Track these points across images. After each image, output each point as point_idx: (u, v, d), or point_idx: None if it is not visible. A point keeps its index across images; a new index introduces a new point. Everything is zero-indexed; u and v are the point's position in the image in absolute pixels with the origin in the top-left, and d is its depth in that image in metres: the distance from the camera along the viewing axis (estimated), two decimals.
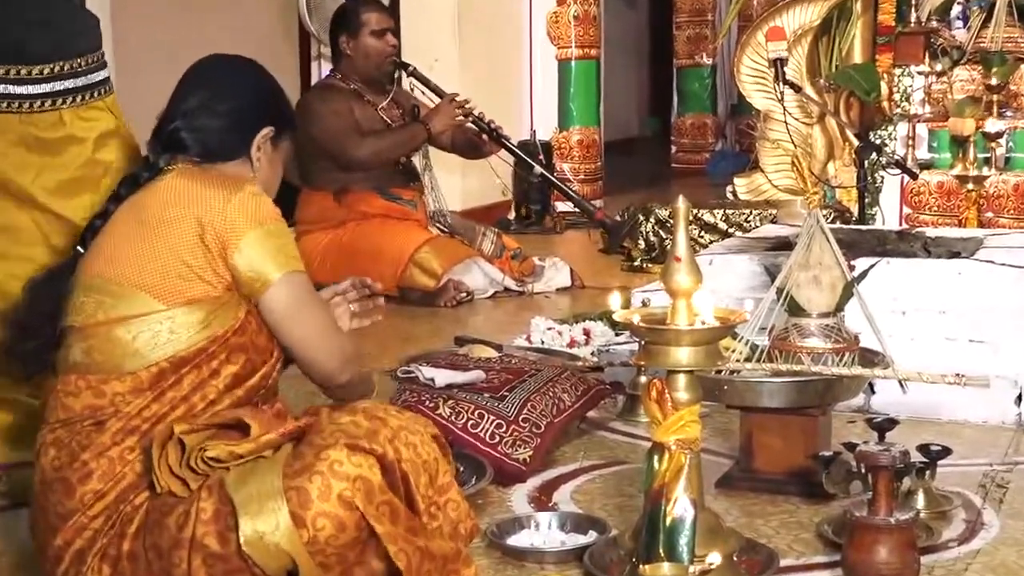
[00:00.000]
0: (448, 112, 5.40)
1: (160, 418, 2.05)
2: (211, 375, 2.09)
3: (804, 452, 2.74)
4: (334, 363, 2.21)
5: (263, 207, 2.14)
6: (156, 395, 2.06)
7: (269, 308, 2.15)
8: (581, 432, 3.30)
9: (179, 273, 2.08)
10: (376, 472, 1.95)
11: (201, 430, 2.02)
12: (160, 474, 1.97)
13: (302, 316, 2.16)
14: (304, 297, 2.17)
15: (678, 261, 2.17)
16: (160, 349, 2.06)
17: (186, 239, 2.09)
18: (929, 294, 3.69)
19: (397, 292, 5.27)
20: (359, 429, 2.00)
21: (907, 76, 6.11)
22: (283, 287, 2.14)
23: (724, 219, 5.84)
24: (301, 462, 1.94)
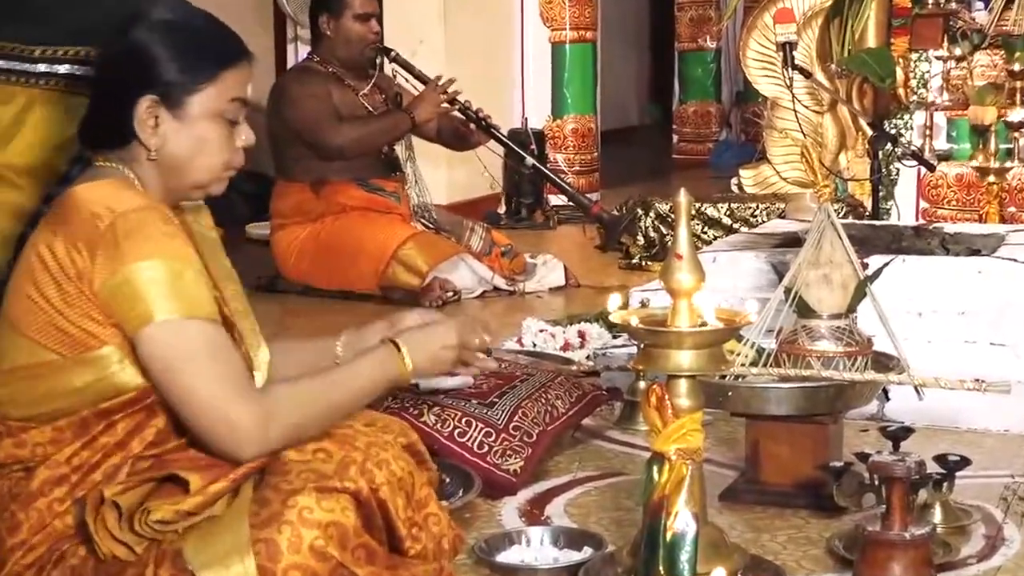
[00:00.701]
0: (433, 100, 5.40)
1: (92, 466, 1.96)
2: (149, 416, 1.98)
3: (813, 462, 2.74)
4: (225, 441, 1.94)
5: (153, 237, 1.91)
6: (85, 443, 1.95)
7: (141, 358, 1.93)
8: (576, 441, 3.30)
9: (58, 324, 1.93)
10: (350, 514, 1.91)
11: (136, 486, 1.92)
12: (100, 541, 1.88)
13: (169, 378, 1.93)
14: (177, 353, 1.92)
15: (679, 259, 2.18)
16: (73, 401, 1.94)
17: (49, 281, 1.92)
18: (947, 294, 3.69)
19: (379, 291, 5.27)
20: (328, 464, 1.95)
21: (924, 61, 6.13)
22: (156, 333, 1.91)
23: (729, 214, 5.85)
24: (268, 510, 1.88)
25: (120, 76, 2.03)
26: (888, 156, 5.77)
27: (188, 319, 1.91)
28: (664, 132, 11.57)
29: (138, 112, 2.00)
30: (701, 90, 10.82)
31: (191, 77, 2.02)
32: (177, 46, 2.02)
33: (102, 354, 1.93)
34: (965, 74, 6.06)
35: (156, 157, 2.02)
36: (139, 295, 1.90)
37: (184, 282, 1.92)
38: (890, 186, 5.84)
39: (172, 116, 2.02)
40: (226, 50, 2.08)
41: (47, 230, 1.97)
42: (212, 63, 2.04)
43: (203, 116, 2.03)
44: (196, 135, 2.03)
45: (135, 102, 2.00)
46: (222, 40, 2.09)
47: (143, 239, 1.91)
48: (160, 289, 1.90)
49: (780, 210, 5.75)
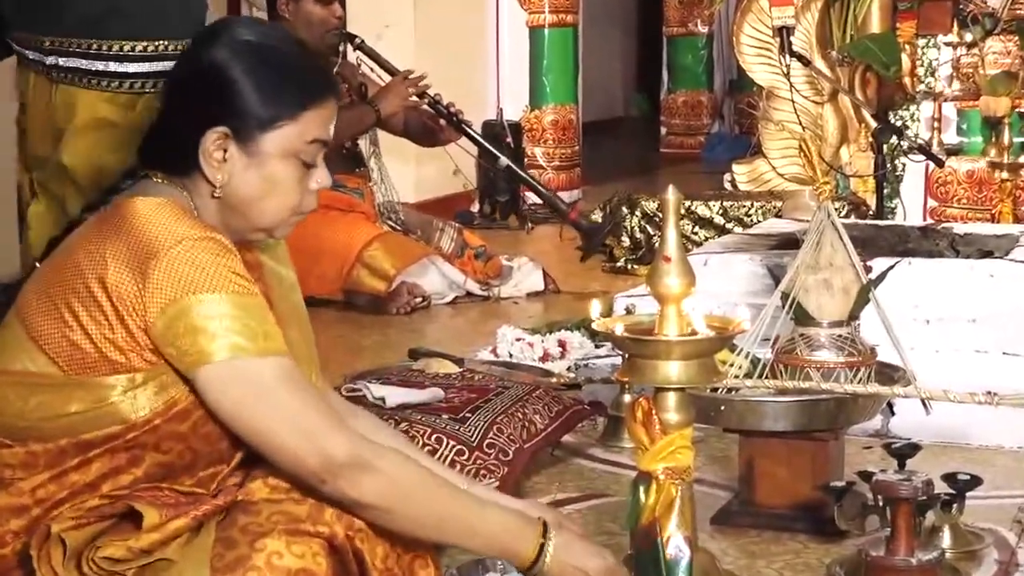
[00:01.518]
0: (400, 92, 5.40)
1: (57, 503, 1.92)
2: (130, 463, 1.94)
3: (813, 482, 2.75)
4: (309, 467, 1.92)
5: (203, 268, 1.88)
6: (55, 475, 1.92)
7: (206, 396, 1.91)
8: (555, 460, 3.31)
9: (75, 339, 1.91)
10: (321, 561, 1.89)
11: (88, 524, 1.90)
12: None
13: (247, 416, 1.91)
14: (261, 388, 1.91)
15: (667, 261, 2.18)
16: (60, 424, 1.91)
17: (83, 294, 1.90)
18: (957, 300, 3.71)
19: (342, 296, 5.27)
20: (302, 506, 1.93)
21: (932, 48, 6.16)
22: (220, 373, 1.89)
23: (721, 213, 5.87)
24: (233, 553, 1.85)
25: (191, 100, 1.99)
26: (893, 150, 5.80)
27: (257, 357, 1.89)
28: (651, 124, 11.60)
29: (205, 143, 1.96)
30: (691, 78, 10.85)
31: (270, 113, 1.97)
32: (259, 75, 1.97)
33: (107, 382, 1.90)
34: (977, 62, 6.09)
35: (220, 195, 1.98)
36: (199, 329, 1.87)
37: (249, 316, 1.89)
38: (895, 183, 5.87)
39: (242, 152, 1.97)
40: (312, 86, 2.03)
41: (95, 239, 1.93)
42: (295, 100, 1.99)
43: (277, 155, 1.99)
44: (266, 175, 1.99)
45: (204, 131, 1.96)
46: (309, 74, 2.04)
47: (205, 270, 1.88)
48: (223, 324, 1.87)
49: (776, 209, 5.77)
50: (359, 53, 5.61)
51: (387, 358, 4.21)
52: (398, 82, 5.43)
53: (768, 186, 6.43)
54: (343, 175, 5.47)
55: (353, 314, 5.17)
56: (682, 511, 2.17)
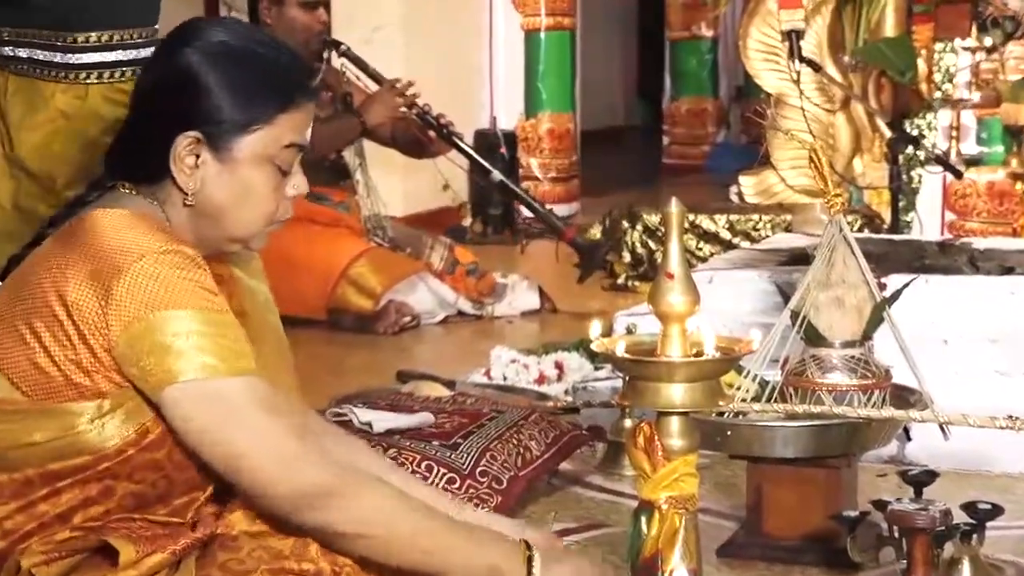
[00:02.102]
0: (387, 102, 5.41)
1: (25, 536, 1.91)
2: (102, 494, 1.93)
3: (824, 512, 2.75)
4: (285, 501, 1.91)
5: (180, 283, 1.88)
6: (23, 506, 1.91)
7: (173, 421, 1.90)
8: (552, 488, 3.31)
9: (39, 363, 1.89)
10: None
11: (60, 558, 1.88)
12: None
13: (212, 439, 1.90)
14: (232, 409, 1.90)
15: (670, 278, 2.19)
16: (23, 454, 1.90)
17: (44, 313, 1.89)
18: (977, 319, 3.72)
19: (326, 315, 5.27)
20: (285, 541, 1.92)
21: (950, 52, 6.18)
22: (188, 395, 1.87)
23: (727, 227, 5.88)
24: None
25: (162, 103, 1.99)
26: (909, 161, 5.81)
27: (227, 377, 1.88)
28: (653, 133, 11.63)
29: (177, 148, 1.96)
30: (695, 85, 10.88)
31: (244, 117, 1.97)
32: (232, 78, 1.97)
33: (72, 409, 1.89)
34: (997, 67, 6.11)
35: (192, 203, 1.99)
36: (164, 348, 1.85)
37: (218, 334, 1.88)
38: (911, 195, 5.88)
39: (215, 158, 1.97)
40: (288, 88, 2.02)
41: (56, 256, 1.93)
42: (271, 103, 1.99)
43: (251, 161, 1.99)
44: (240, 182, 1.99)
45: (175, 136, 1.96)
46: (285, 75, 2.03)
47: (170, 285, 1.87)
48: (190, 342, 1.86)
49: (786, 222, 5.79)
50: (344, 60, 5.62)
51: (374, 381, 4.21)
52: (385, 91, 5.45)
53: (777, 198, 6.44)
54: (327, 188, 5.48)
55: (338, 334, 5.17)
56: (686, 542, 2.17)
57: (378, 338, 5.12)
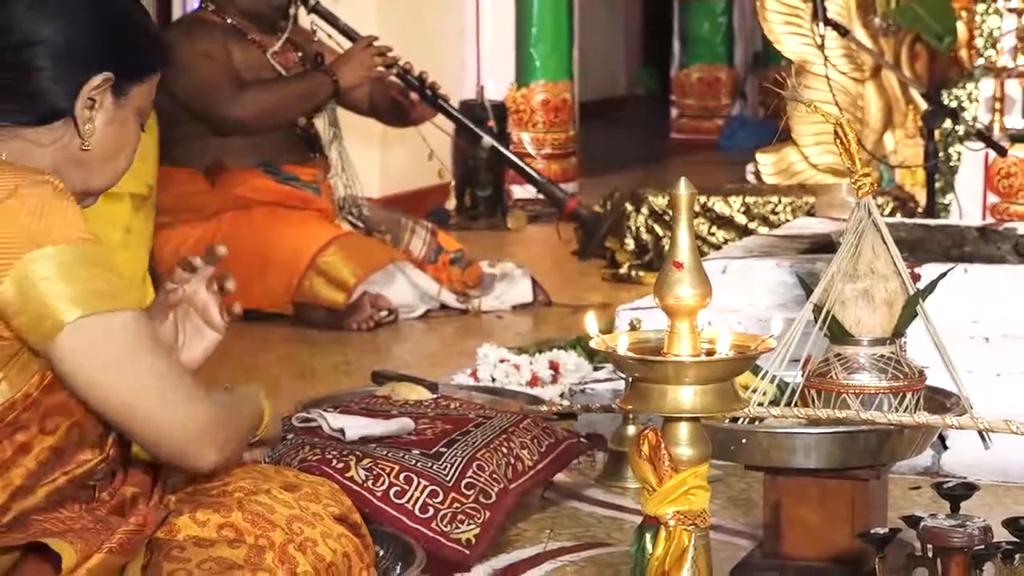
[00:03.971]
0: (363, 60, 5.42)
1: None
2: (16, 451, 1.98)
3: (851, 529, 2.77)
4: (180, 441, 2.02)
5: (58, 217, 1.96)
6: None
7: (63, 367, 1.98)
8: (546, 503, 3.32)
9: None
10: None
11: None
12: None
13: (115, 374, 1.99)
14: (121, 346, 1.99)
15: (679, 268, 2.20)
16: None
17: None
18: (1022, 313, 3.74)
19: (292, 310, 5.28)
20: (238, 549, 1.96)
21: (993, 14, 6.18)
22: (79, 334, 1.95)
23: (743, 210, 5.89)
24: None
25: (81, 42, 2.10)
26: (947, 137, 5.82)
27: (116, 312, 1.96)
28: (660, 105, 11.63)
29: (86, 89, 2.08)
30: (708, 51, 10.90)
31: (145, 63, 2.17)
32: (139, 25, 2.18)
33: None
34: None
35: (88, 147, 2.10)
36: (49, 289, 1.93)
37: (101, 267, 1.97)
38: (949, 175, 5.90)
39: (114, 102, 2.13)
40: (165, 46, 2.27)
41: None
42: (161, 52, 2.22)
43: (134, 110, 2.16)
44: (127, 129, 2.15)
45: (88, 77, 2.08)
46: (159, 32, 2.26)
47: (53, 220, 1.95)
48: (75, 281, 1.94)
49: (808, 205, 5.80)
50: (314, 17, 5.63)
51: (346, 383, 4.23)
52: (360, 49, 5.46)
53: (798, 179, 6.45)
54: (295, 166, 5.48)
55: (306, 331, 5.18)
56: (696, 563, 2.19)
57: (351, 335, 5.13)
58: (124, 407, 1.98)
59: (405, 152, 6.81)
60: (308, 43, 5.63)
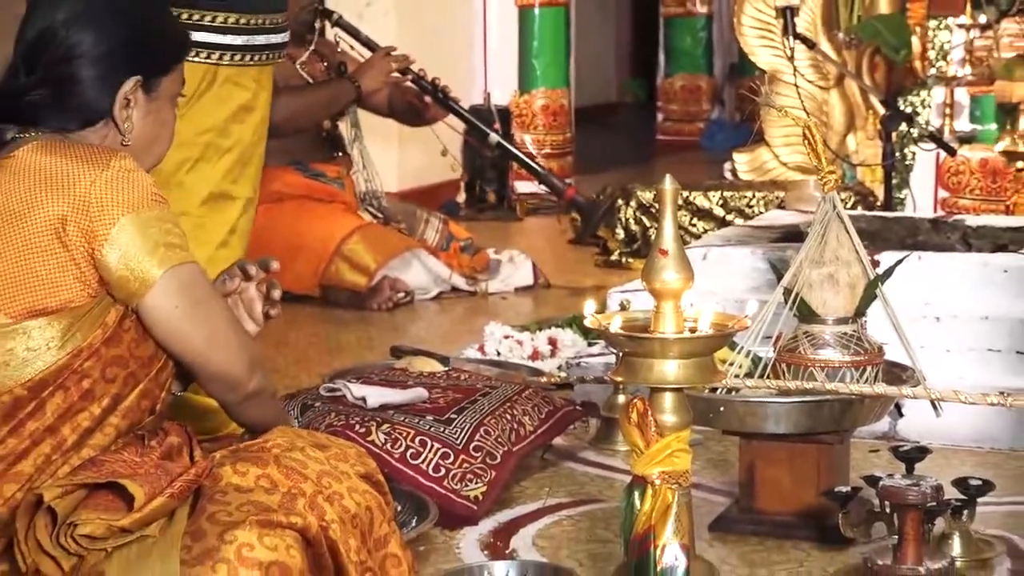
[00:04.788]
0: (382, 67, 5.40)
1: (19, 456, 1.99)
2: (82, 397, 2.04)
3: (817, 488, 2.77)
4: (239, 369, 2.17)
5: (137, 187, 2.05)
6: (12, 428, 2.00)
7: (153, 315, 2.08)
8: (545, 463, 3.32)
9: (26, 283, 2.03)
10: (295, 553, 1.91)
11: (74, 490, 1.94)
12: (26, 551, 1.89)
13: (196, 319, 2.11)
14: (196, 295, 2.11)
15: (664, 255, 2.19)
16: (9, 372, 2.01)
17: (39, 240, 2.02)
18: (969, 296, 3.73)
19: (319, 292, 5.28)
20: (273, 495, 1.97)
21: (944, 30, 6.18)
22: (167, 286, 2.06)
23: (721, 203, 5.88)
24: (202, 545, 1.88)
25: (114, 52, 2.15)
26: (902, 138, 5.81)
27: (184, 264, 2.08)
28: (647, 110, 11.61)
29: (121, 93, 2.14)
30: (690, 62, 10.86)
31: (169, 58, 2.22)
32: (164, 24, 2.25)
33: (48, 322, 2.02)
34: (991, 44, 6.11)
35: (129, 142, 2.16)
36: (159, 239, 2.05)
37: (170, 223, 2.08)
38: (905, 173, 5.89)
39: (146, 98, 2.18)
40: (184, 35, 2.32)
41: (23, 190, 2.04)
42: (182, 43, 2.28)
43: (167, 98, 2.22)
44: (161, 117, 2.21)
45: (121, 83, 2.14)
46: (176, 20, 2.32)
47: (141, 183, 2.06)
48: (175, 231, 2.08)
49: (779, 199, 5.79)
50: (338, 30, 5.61)
51: (368, 356, 4.22)
52: (379, 57, 5.44)
53: (770, 175, 6.43)
54: (322, 163, 5.48)
55: (332, 311, 5.17)
56: (679, 518, 2.19)
57: (372, 314, 5.12)
58: (201, 345, 2.12)
59: (420, 150, 6.79)
60: (333, 54, 5.61)
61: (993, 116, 5.93)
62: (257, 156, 3.13)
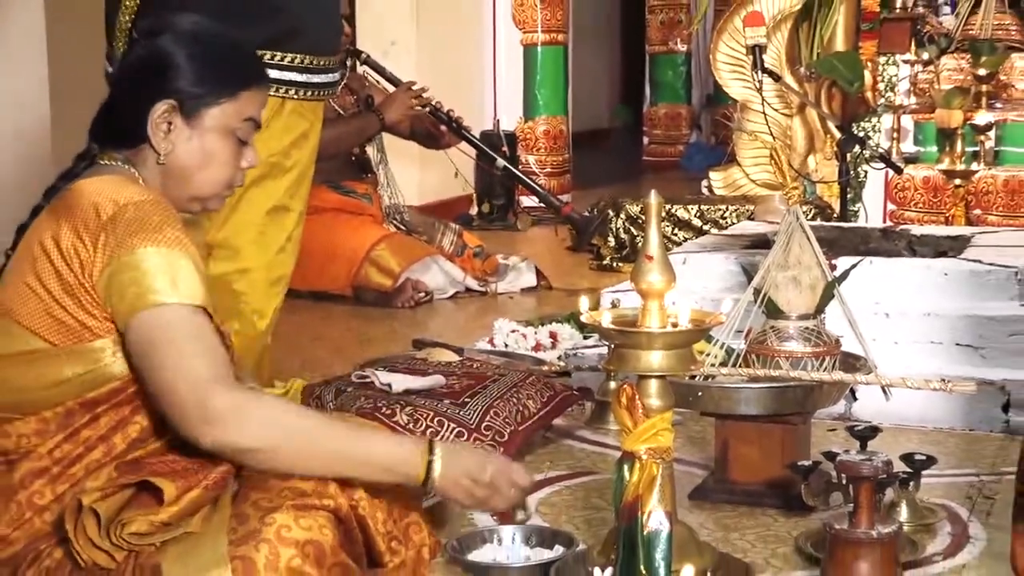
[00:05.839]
0: (403, 101, 5.41)
1: (74, 459, 1.95)
2: (133, 411, 1.97)
3: (782, 462, 2.76)
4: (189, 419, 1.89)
5: (136, 225, 1.91)
6: (68, 435, 1.95)
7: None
8: (547, 441, 3.31)
9: (55, 314, 1.93)
10: (327, 532, 1.89)
11: (113, 493, 1.90)
12: (81, 549, 1.86)
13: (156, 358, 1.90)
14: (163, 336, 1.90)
15: (650, 260, 2.19)
16: (61, 390, 1.94)
17: (49, 270, 1.92)
18: (914, 295, 3.72)
19: (351, 292, 5.27)
20: (307, 481, 1.94)
21: (892, 65, 6.17)
22: (139, 322, 1.90)
23: (699, 215, 5.87)
24: (246, 527, 1.86)
25: (142, 78, 2.06)
26: (856, 159, 5.81)
27: (181, 305, 1.90)
28: (635, 134, 11.59)
29: (154, 115, 2.03)
30: (671, 93, 10.85)
31: (211, 90, 2.05)
32: (202, 58, 2.05)
33: (95, 347, 1.93)
34: (932, 78, 6.11)
35: (164, 162, 2.04)
36: (135, 281, 1.89)
37: (180, 270, 1.91)
38: (858, 188, 5.88)
39: (186, 124, 2.05)
40: (248, 71, 2.12)
41: (51, 221, 1.96)
42: (234, 81, 2.08)
43: (215, 130, 2.06)
44: (205, 147, 2.06)
45: (153, 105, 2.02)
46: (245, 60, 2.13)
47: (144, 228, 1.91)
48: (156, 276, 1.89)
49: (749, 212, 5.78)
50: (366, 68, 5.61)
51: (393, 348, 4.22)
52: (402, 92, 5.44)
53: (742, 191, 6.43)
54: (352, 182, 5.49)
55: (362, 308, 5.17)
56: (663, 488, 2.18)
57: (397, 311, 5.12)
58: (154, 380, 1.91)
59: (437, 171, 6.78)
60: (362, 88, 5.61)
61: (934, 139, 5.93)
62: (309, 176, 3.15)
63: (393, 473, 1.99)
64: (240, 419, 1.88)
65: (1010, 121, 5.86)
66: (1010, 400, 3.40)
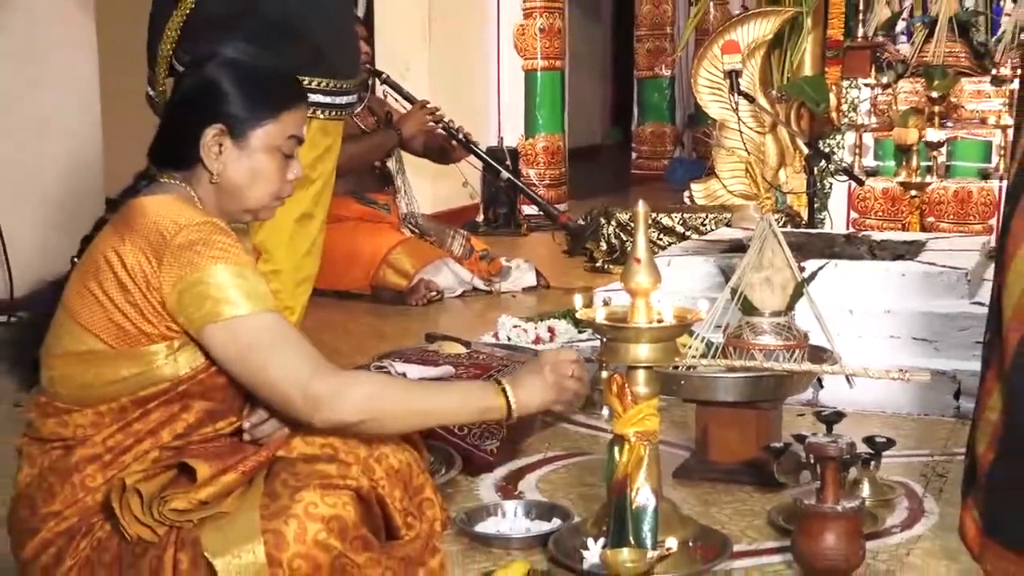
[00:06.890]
0: (419, 118, 5.40)
1: (125, 449, 1.94)
2: (182, 410, 1.96)
3: (757, 444, 2.75)
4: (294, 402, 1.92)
5: (198, 247, 1.90)
6: (121, 427, 1.94)
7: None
8: (546, 425, 3.31)
9: (115, 320, 1.92)
10: (350, 508, 1.89)
11: (155, 475, 1.91)
12: (127, 524, 1.87)
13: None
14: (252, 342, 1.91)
15: (638, 262, 2.18)
16: (117, 388, 1.93)
17: (112, 281, 1.92)
18: (874, 294, 3.72)
19: (370, 291, 5.27)
20: (331, 466, 1.94)
21: (854, 88, 6.17)
22: (222, 331, 1.90)
23: (682, 222, 5.86)
24: (277, 503, 1.86)
25: (194, 105, 2.04)
26: (822, 172, 5.79)
27: (256, 313, 1.91)
28: (624, 150, 11.57)
29: (205, 139, 2.01)
30: (657, 113, 10.83)
31: (255, 113, 2.03)
32: (245, 84, 2.03)
33: (150, 351, 1.92)
34: (890, 99, 6.10)
35: (217, 181, 2.03)
36: (209, 295, 1.89)
37: (248, 281, 1.91)
38: (824, 198, 5.87)
39: (235, 145, 2.02)
40: (288, 93, 2.09)
41: (114, 235, 1.95)
42: (276, 103, 2.05)
43: (262, 149, 2.04)
44: (254, 165, 2.04)
45: (204, 130, 2.01)
46: (285, 84, 2.10)
47: (208, 247, 1.90)
48: (228, 289, 1.89)
49: (727, 219, 5.76)
50: (385, 87, 5.61)
51: (408, 341, 4.21)
52: (417, 109, 5.44)
53: (720, 201, 6.42)
54: (375, 193, 5.48)
55: (380, 306, 5.16)
56: (649, 467, 2.17)
57: (411, 308, 5.11)
58: (256, 384, 1.94)
59: (448, 182, 6.78)
60: (381, 108, 5.60)
61: (892, 155, 5.92)
62: (331, 186, 3.15)
63: (482, 413, 2.07)
64: (342, 400, 1.92)
65: (960, 138, 5.85)
66: (960, 388, 3.39)
